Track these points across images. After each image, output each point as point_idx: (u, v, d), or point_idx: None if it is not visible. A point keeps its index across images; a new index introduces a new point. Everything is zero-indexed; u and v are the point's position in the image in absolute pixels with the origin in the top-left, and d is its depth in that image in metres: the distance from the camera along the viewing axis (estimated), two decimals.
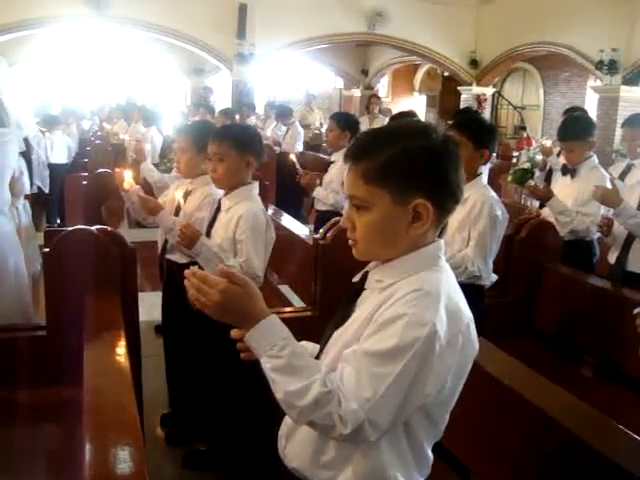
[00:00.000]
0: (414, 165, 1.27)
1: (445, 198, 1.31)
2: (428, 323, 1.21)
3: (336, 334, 1.40)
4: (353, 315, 1.38)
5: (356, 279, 1.45)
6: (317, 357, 1.44)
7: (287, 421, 1.47)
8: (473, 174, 2.89)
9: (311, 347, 1.50)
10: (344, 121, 4.60)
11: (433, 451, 1.43)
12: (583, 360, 3.42)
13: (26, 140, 5.23)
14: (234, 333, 1.42)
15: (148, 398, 2.84)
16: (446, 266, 1.36)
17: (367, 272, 1.41)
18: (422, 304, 1.24)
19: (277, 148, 8.94)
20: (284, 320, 1.32)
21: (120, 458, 1.46)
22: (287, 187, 7.13)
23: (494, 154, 9.56)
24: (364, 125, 8.46)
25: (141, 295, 2.90)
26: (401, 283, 1.30)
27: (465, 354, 1.31)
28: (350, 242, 1.37)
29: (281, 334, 1.27)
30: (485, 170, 5.46)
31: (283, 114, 9.52)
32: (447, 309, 1.26)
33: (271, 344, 1.25)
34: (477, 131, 2.91)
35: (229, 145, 2.73)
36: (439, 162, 1.29)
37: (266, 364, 1.25)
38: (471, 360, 1.35)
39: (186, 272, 1.29)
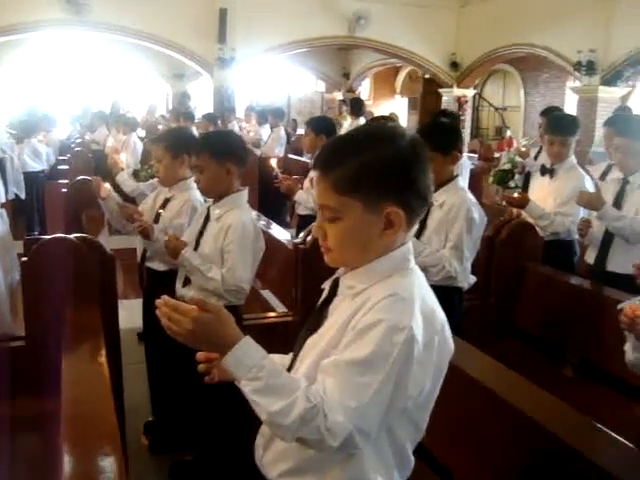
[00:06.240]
0: (384, 174, 1.28)
1: (416, 202, 1.31)
2: (405, 328, 1.22)
3: (310, 341, 1.39)
4: (326, 322, 1.38)
5: (325, 285, 1.46)
6: (291, 365, 1.43)
7: (263, 431, 1.46)
8: (448, 178, 2.90)
9: (278, 359, 1.48)
10: (318, 125, 4.55)
11: (415, 453, 1.43)
12: (565, 359, 3.45)
13: None
14: (199, 356, 1.46)
15: (131, 406, 2.82)
16: (416, 268, 1.37)
17: (337, 278, 1.41)
18: (398, 309, 1.24)
19: (258, 151, 8.94)
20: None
21: (100, 468, 1.45)
22: (269, 191, 7.11)
23: (475, 155, 9.68)
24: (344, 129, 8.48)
25: (123, 302, 2.90)
26: (374, 288, 1.31)
27: (442, 355, 1.32)
28: (322, 250, 1.37)
29: (257, 355, 1.25)
30: (466, 172, 5.51)
31: (277, 116, 9.57)
32: (422, 312, 1.27)
33: (248, 367, 1.23)
34: (440, 139, 2.84)
35: (207, 156, 2.72)
36: (408, 169, 1.29)
37: (245, 387, 1.24)
38: (448, 359, 1.36)
39: (157, 302, 1.28)
